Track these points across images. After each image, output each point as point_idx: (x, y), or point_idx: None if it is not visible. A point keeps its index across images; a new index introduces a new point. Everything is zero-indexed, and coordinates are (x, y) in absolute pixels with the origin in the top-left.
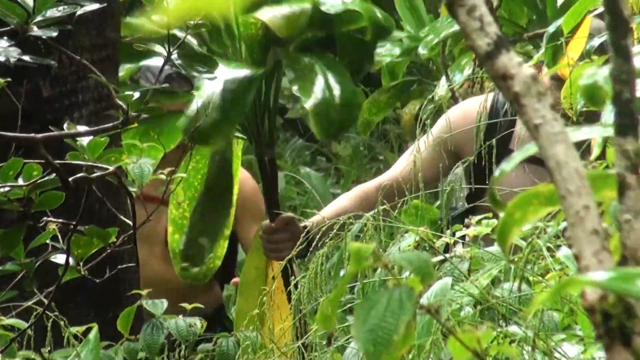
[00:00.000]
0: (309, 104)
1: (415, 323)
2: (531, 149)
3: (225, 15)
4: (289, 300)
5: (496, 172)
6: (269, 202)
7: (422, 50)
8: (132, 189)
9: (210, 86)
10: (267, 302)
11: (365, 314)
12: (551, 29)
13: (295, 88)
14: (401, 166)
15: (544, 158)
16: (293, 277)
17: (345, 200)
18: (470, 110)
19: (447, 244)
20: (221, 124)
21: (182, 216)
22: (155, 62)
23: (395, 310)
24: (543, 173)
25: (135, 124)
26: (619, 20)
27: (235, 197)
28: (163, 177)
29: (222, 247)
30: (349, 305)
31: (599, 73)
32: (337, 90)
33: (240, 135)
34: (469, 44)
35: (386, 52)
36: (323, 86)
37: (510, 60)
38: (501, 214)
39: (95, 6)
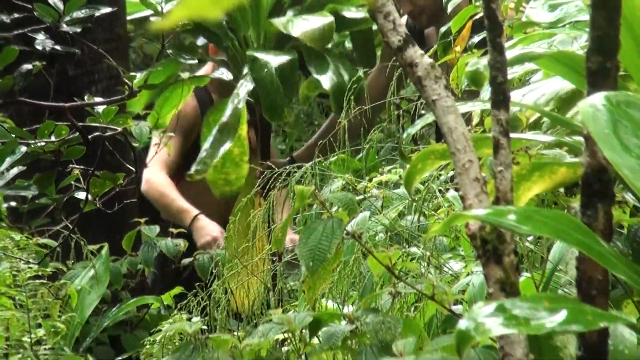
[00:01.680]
0: (326, 85)
1: (343, 245)
2: (429, 118)
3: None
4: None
5: (404, 135)
6: (262, 152)
7: (348, 44)
8: (135, 144)
9: (259, 68)
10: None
11: (307, 238)
12: (443, 29)
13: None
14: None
15: (439, 125)
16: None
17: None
18: None
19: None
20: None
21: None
22: None
23: (329, 236)
24: None
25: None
26: (495, 24)
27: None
28: None
29: (245, 169)
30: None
31: (480, 62)
32: (346, 76)
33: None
34: (385, 39)
35: None
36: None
37: (415, 52)
38: (407, 165)
39: (109, 10)
